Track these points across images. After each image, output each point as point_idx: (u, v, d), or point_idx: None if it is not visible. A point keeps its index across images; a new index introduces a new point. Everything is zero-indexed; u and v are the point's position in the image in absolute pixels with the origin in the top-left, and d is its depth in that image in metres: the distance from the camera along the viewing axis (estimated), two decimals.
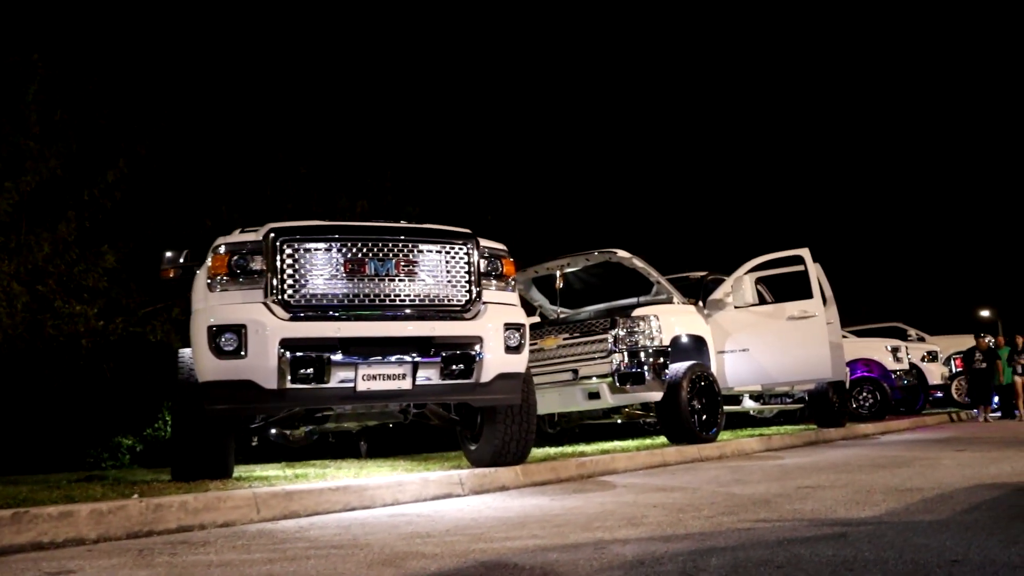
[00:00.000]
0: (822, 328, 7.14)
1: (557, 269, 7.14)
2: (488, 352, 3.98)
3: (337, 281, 3.88)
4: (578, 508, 3.60)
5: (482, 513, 3.54)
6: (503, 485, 4.46)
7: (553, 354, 6.81)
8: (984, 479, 4.12)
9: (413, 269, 3.98)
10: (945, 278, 34.18)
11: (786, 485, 4.21)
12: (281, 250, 3.86)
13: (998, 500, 3.32)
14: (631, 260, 6.79)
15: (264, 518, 3.43)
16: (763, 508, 3.37)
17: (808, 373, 7.14)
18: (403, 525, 3.25)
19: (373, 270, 3.92)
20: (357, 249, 3.93)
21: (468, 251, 4.14)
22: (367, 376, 3.78)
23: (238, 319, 3.72)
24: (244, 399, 3.72)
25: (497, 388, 4.04)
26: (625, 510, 3.48)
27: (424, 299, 3.99)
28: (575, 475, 4.95)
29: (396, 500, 3.93)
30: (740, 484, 4.36)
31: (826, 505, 3.39)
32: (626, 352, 6.37)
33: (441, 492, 4.14)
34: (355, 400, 3.83)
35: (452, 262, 4.10)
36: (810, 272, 7.38)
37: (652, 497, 3.92)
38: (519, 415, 4.41)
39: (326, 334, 3.73)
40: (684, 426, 6.44)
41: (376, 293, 3.91)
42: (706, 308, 7.38)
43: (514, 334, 4.13)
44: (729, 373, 7.20)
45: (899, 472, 4.67)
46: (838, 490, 3.90)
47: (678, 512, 3.34)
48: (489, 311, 4.10)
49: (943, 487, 3.85)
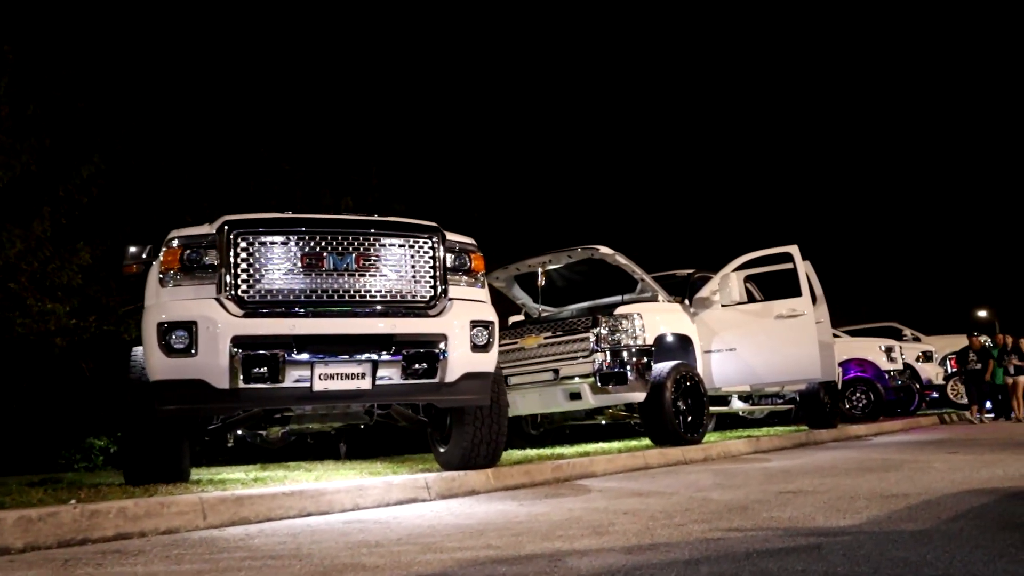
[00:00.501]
0: (811, 327, 6.96)
1: (539, 266, 6.95)
2: (453, 350, 3.80)
3: (294, 276, 3.70)
4: (545, 515, 3.41)
5: (443, 520, 3.36)
6: (473, 489, 4.27)
7: (534, 353, 6.62)
8: (974, 484, 3.94)
9: (374, 264, 3.80)
10: (942, 278, 34.04)
11: (767, 490, 4.03)
12: (235, 243, 3.67)
13: (986, 508, 3.14)
14: (614, 257, 6.60)
15: (211, 525, 3.25)
16: (738, 515, 3.19)
17: (797, 373, 6.96)
18: (355, 533, 3.07)
19: (332, 264, 3.73)
20: (315, 243, 3.74)
21: (433, 245, 3.95)
22: (324, 375, 3.59)
23: (189, 315, 3.54)
24: (195, 399, 3.54)
25: (464, 388, 3.86)
26: (593, 517, 3.30)
27: (386, 295, 3.80)
28: (550, 479, 4.76)
29: (357, 505, 3.74)
30: (720, 489, 4.18)
31: (805, 512, 3.21)
32: (608, 351, 6.19)
33: (406, 497, 3.95)
34: (312, 401, 3.64)
35: (416, 256, 3.91)
36: (799, 270, 7.20)
37: (625, 503, 3.74)
38: (489, 416, 4.22)
39: (281, 331, 3.55)
40: (668, 428, 6.25)
41: (335, 289, 3.73)
42: (692, 306, 7.19)
43: (482, 332, 3.94)
44: (716, 373, 7.01)
45: (886, 476, 4.49)
46: (820, 496, 3.72)
47: (648, 520, 3.16)
48: (455, 308, 3.92)
49: (930, 493, 3.67)
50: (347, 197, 10.75)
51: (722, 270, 7.22)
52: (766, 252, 7.37)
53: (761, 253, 7.35)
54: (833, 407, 9.21)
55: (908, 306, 27.47)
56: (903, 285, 32.13)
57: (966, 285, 34.19)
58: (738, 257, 7.31)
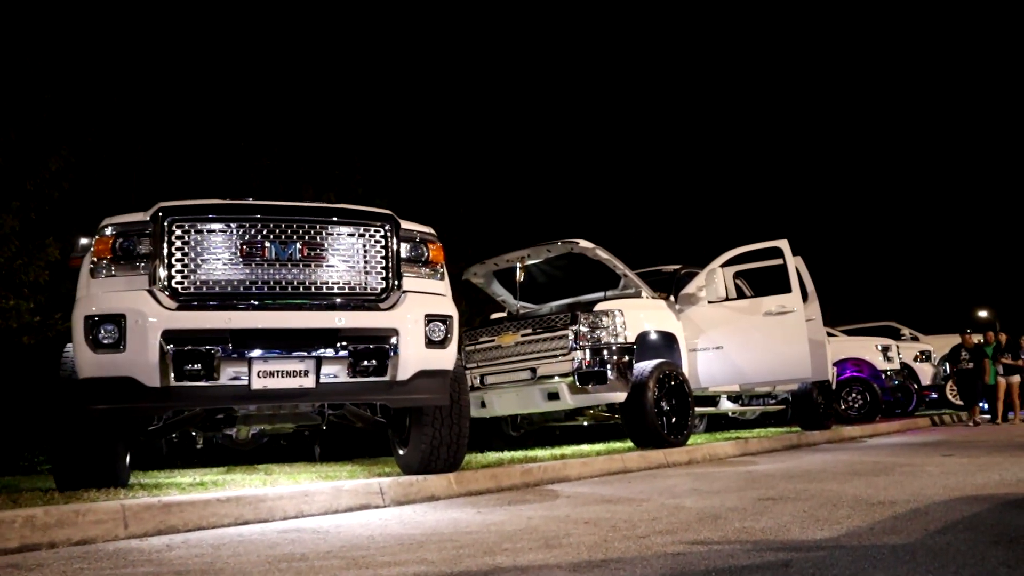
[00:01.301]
0: (801, 324, 6.67)
1: (517, 261, 6.68)
2: (406, 346, 3.53)
3: (233, 266, 3.43)
4: (499, 524, 3.15)
5: (387, 529, 3.09)
6: (432, 495, 4.00)
7: (511, 351, 6.35)
8: (967, 490, 3.67)
9: (320, 253, 3.53)
10: (942, 278, 33.71)
11: (746, 496, 3.76)
12: (170, 231, 3.41)
13: (979, 517, 2.87)
14: (594, 251, 6.32)
15: (132, 534, 2.98)
16: (708, 526, 2.92)
17: (787, 372, 6.67)
18: (285, 544, 2.80)
19: (274, 254, 3.47)
20: (256, 231, 3.48)
21: (386, 234, 3.69)
22: (263, 373, 3.33)
23: (117, 308, 3.27)
24: (124, 398, 3.27)
25: (418, 387, 3.59)
26: (551, 527, 3.03)
27: (332, 287, 3.54)
28: (519, 483, 4.49)
29: (301, 512, 3.48)
30: (695, 495, 3.91)
31: (781, 522, 2.93)
32: (588, 349, 5.91)
33: (357, 503, 3.69)
34: (251, 400, 3.38)
35: (367, 246, 3.65)
36: (788, 265, 6.92)
37: (590, 510, 3.47)
38: (449, 417, 3.95)
39: (215, 325, 3.28)
40: (650, 429, 5.97)
41: (277, 280, 3.46)
42: (678, 303, 6.91)
43: (438, 327, 3.68)
44: (702, 372, 6.73)
45: (875, 481, 4.21)
46: (801, 503, 3.45)
47: (608, 531, 2.89)
48: (409, 301, 3.65)
49: (919, 500, 3.40)
50: (330, 192, 10.50)
51: (709, 265, 6.94)
52: (755, 247, 7.09)
53: (749, 248, 7.07)
54: (827, 408, 8.93)
55: (908, 306, 27.15)
56: (902, 285, 31.81)
57: (966, 285, 33.85)
58: (725, 252, 7.03)
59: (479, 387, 6.50)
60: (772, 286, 7.17)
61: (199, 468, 6.95)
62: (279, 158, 10.70)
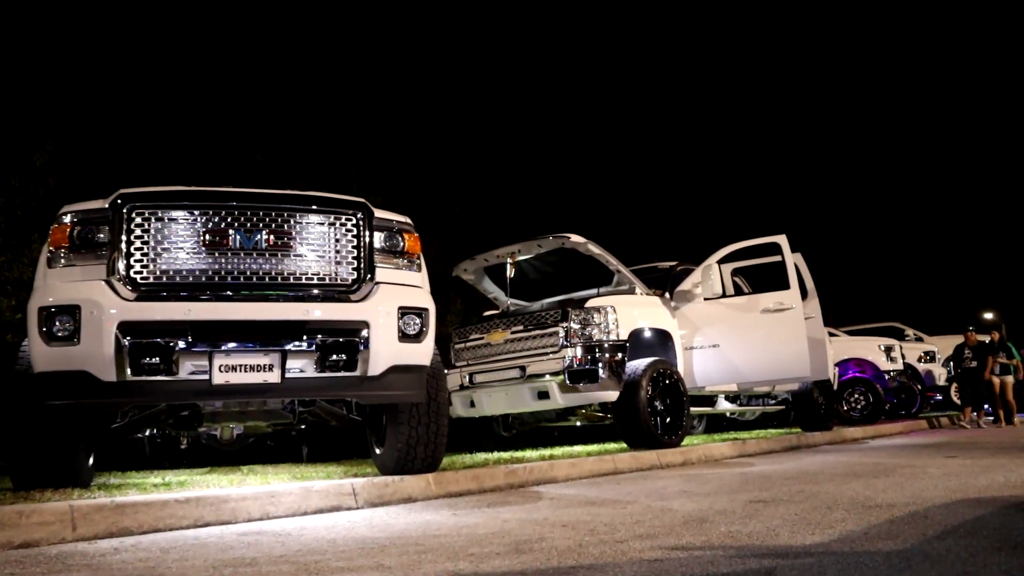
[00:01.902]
0: (799, 322, 6.47)
1: (507, 256, 6.50)
2: (377, 340, 3.36)
3: (195, 255, 3.27)
4: (472, 527, 2.97)
5: (353, 532, 2.92)
6: (409, 496, 3.83)
7: (500, 349, 6.17)
8: (970, 492, 3.48)
9: (288, 243, 3.37)
10: (948, 280, 33.36)
11: (737, 499, 3.58)
12: (130, 219, 3.25)
13: (981, 521, 2.68)
14: (586, 246, 6.14)
15: (81, 536, 2.82)
16: (692, 530, 2.74)
17: (785, 372, 6.47)
18: (240, 547, 2.63)
19: (239, 243, 3.31)
20: (220, 218, 3.32)
21: (358, 223, 3.52)
22: (225, 367, 3.16)
23: (72, 299, 3.12)
24: (80, 393, 3.11)
25: (391, 383, 3.42)
26: (526, 530, 2.85)
27: (300, 277, 3.37)
28: (503, 484, 4.31)
29: (267, 514, 3.31)
30: (684, 497, 3.72)
31: (770, 526, 2.75)
32: (579, 347, 5.73)
33: (327, 505, 3.52)
34: (212, 395, 3.21)
35: (338, 235, 3.48)
36: (787, 261, 6.72)
37: (571, 513, 3.29)
38: (426, 415, 3.78)
39: (174, 317, 3.12)
40: (643, 429, 5.78)
41: (242, 270, 3.30)
42: (673, 300, 6.72)
43: (413, 320, 3.50)
44: (698, 371, 6.54)
45: (874, 483, 4.02)
46: (794, 506, 3.27)
47: (586, 534, 2.72)
48: (381, 292, 3.48)
49: (919, 502, 3.21)
50: (323, 190, 10.33)
51: (705, 261, 6.75)
52: (752, 243, 6.90)
53: (746, 243, 6.88)
54: (828, 409, 8.73)
55: (913, 307, 26.83)
56: (907, 286, 31.47)
57: (972, 286, 33.48)
58: (722, 248, 6.83)
59: (468, 386, 6.32)
60: (771, 283, 6.98)
61: (183, 468, 6.79)
62: (272, 154, 10.57)
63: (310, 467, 6.23)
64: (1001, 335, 11.46)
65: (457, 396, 6.44)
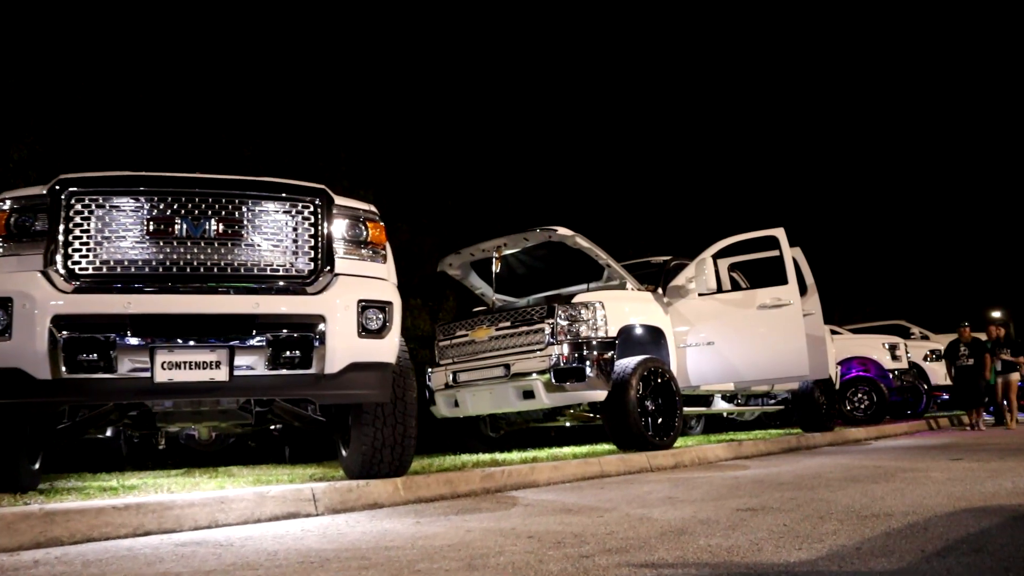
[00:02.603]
0: (797, 318, 6.21)
1: (493, 250, 6.26)
2: (334, 336, 3.13)
3: (139, 245, 3.05)
4: (430, 537, 2.74)
5: (301, 543, 2.70)
6: (375, 502, 3.60)
7: (485, 347, 5.93)
8: (975, 500, 3.22)
9: (239, 231, 3.14)
10: (956, 277, 32.88)
11: (724, 507, 3.33)
12: (68, 206, 3.04)
13: (987, 534, 2.43)
14: (574, 239, 5.90)
15: (4, 547, 2.60)
16: (668, 543, 2.50)
17: (782, 370, 6.21)
18: (170, 560, 2.41)
19: (186, 231, 3.08)
20: (166, 206, 3.09)
21: (316, 210, 3.30)
22: (168, 364, 2.94)
23: (4, 291, 2.91)
24: (12, 392, 2.90)
25: (351, 381, 3.19)
26: (487, 542, 2.62)
27: (252, 268, 3.15)
28: (478, 489, 4.08)
29: (215, 522, 3.09)
30: (668, 505, 3.48)
31: (755, 538, 2.51)
32: (565, 344, 5.49)
33: (283, 511, 3.29)
34: (154, 395, 2.99)
35: (293, 224, 3.26)
36: (784, 255, 6.46)
37: (541, 522, 3.06)
38: (392, 415, 3.55)
39: (112, 310, 2.90)
40: (632, 430, 5.54)
41: (188, 260, 3.07)
42: (666, 296, 6.46)
43: (375, 314, 3.27)
44: (692, 370, 6.29)
45: (873, 489, 3.77)
46: (784, 515, 3.02)
47: (551, 547, 2.48)
48: (340, 284, 3.25)
49: (920, 511, 2.96)
50: (314, 182, 10.12)
51: (700, 255, 6.49)
52: (748, 236, 6.63)
53: (743, 237, 6.62)
54: (830, 408, 8.46)
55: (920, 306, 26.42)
56: (914, 283, 31.02)
57: (980, 284, 33.00)
58: (717, 242, 6.57)
59: (453, 385, 6.09)
60: (770, 279, 6.71)
61: (159, 470, 6.59)
62: (261, 148, 10.35)
63: (289, 468, 6.02)
64: (1007, 332, 10.91)
65: (441, 395, 6.21)
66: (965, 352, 10.41)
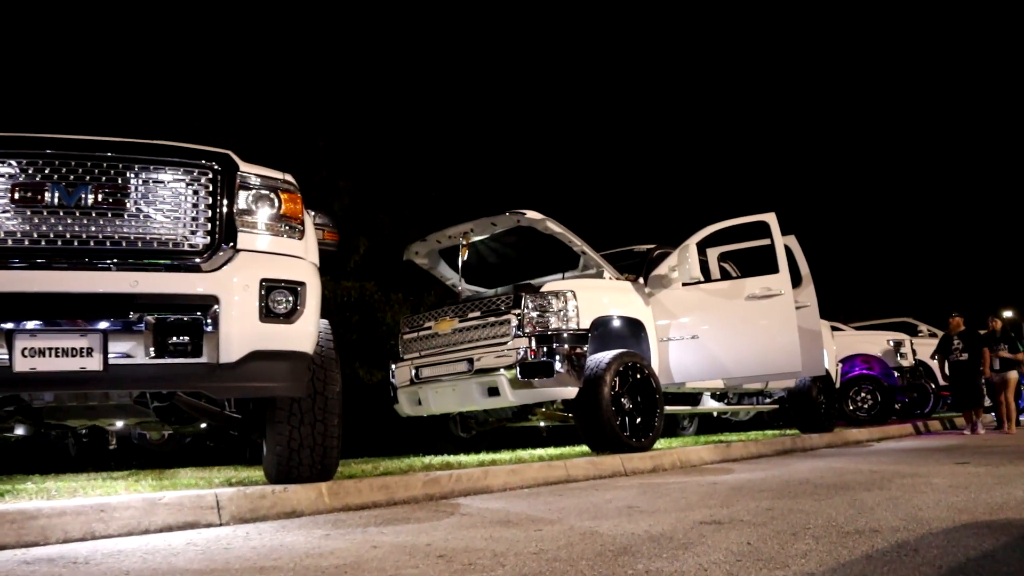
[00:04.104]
0: (789, 310, 5.73)
1: (460, 236, 5.83)
2: (231, 319, 2.71)
3: (2, 214, 2.64)
4: (324, 556, 2.32)
5: (169, 561, 2.28)
6: (293, 510, 3.18)
7: (449, 340, 5.50)
8: (980, 512, 2.76)
9: (121, 200, 2.73)
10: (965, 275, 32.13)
11: (686, 519, 2.89)
12: None
13: (991, 558, 1.98)
14: (544, 223, 5.45)
15: None
16: (602, 567, 2.06)
17: (773, 366, 5.74)
18: None
19: (58, 200, 2.67)
20: (36, 170, 2.68)
21: (215, 178, 2.88)
22: (30, 351, 2.53)
23: None
24: None
25: (252, 372, 2.77)
26: (388, 561, 2.20)
27: (136, 242, 2.73)
28: (420, 495, 3.65)
29: (92, 533, 2.67)
30: (624, 516, 3.04)
31: (707, 561, 2.07)
32: (533, 337, 5.04)
33: (178, 521, 2.88)
34: (14, 386, 2.59)
35: (187, 192, 2.84)
36: (776, 242, 5.98)
37: (468, 536, 2.62)
38: (310, 412, 3.13)
39: None
40: (605, 431, 5.08)
41: (60, 233, 2.66)
42: (648, 286, 6.00)
43: (283, 295, 2.85)
44: (675, 365, 5.82)
45: (864, 498, 3.31)
46: (752, 530, 2.58)
47: (460, 570, 2.05)
48: (240, 262, 2.83)
49: (912, 527, 2.51)
50: (288, 173, 9.74)
51: (685, 242, 6.01)
52: (737, 221, 6.15)
53: (731, 223, 6.14)
54: (829, 408, 7.97)
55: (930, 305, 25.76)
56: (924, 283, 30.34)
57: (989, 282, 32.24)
58: (703, 228, 6.09)
59: (416, 381, 5.66)
60: (764, 270, 6.22)
61: (104, 472, 6.19)
62: (235, 135, 9.96)
63: (246, 470, 5.61)
64: (1004, 325, 9.67)
65: (404, 392, 5.79)
66: (959, 345, 9.21)
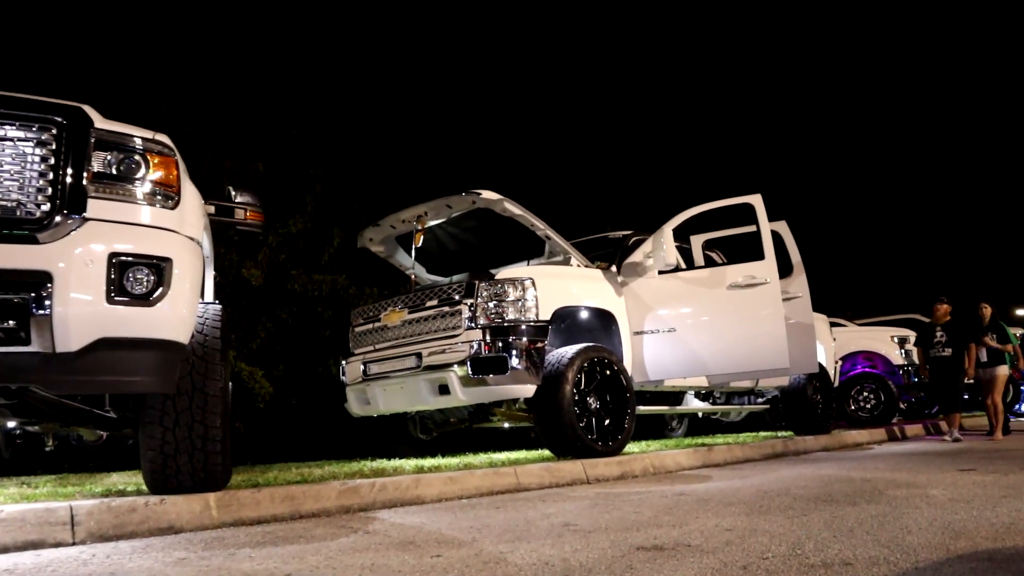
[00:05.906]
0: (775, 301, 5.21)
1: (414, 220, 5.34)
2: (69, 300, 2.25)
3: None
4: None
5: None
6: (171, 526, 2.71)
7: (398, 333, 5.02)
8: (981, 537, 2.26)
9: None
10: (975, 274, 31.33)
11: (624, 543, 2.40)
12: None
13: None
14: (502, 204, 4.95)
15: None
16: None
17: (758, 362, 5.22)
18: None
19: None
20: None
21: (62, 135, 2.42)
22: None
23: None
24: None
25: (101, 364, 2.31)
26: None
27: None
28: (333, 507, 3.17)
29: None
30: (553, 537, 2.55)
31: None
32: (486, 329, 4.56)
33: (19, 540, 2.43)
34: None
35: (23, 151, 2.38)
36: (762, 226, 5.46)
37: (351, 562, 2.15)
38: (187, 412, 2.66)
39: None
40: (567, 433, 4.59)
41: None
42: (621, 274, 5.49)
43: (142, 273, 2.39)
44: (650, 361, 5.31)
45: (846, 515, 2.81)
46: (698, 559, 2.09)
47: None
48: (87, 232, 2.36)
49: (896, 557, 2.02)
50: (258, 162, 9.33)
51: (662, 227, 5.50)
52: (719, 204, 5.62)
53: (713, 205, 5.61)
54: (827, 408, 7.44)
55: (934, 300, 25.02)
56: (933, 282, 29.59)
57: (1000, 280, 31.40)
58: (681, 212, 5.57)
59: (364, 378, 5.19)
60: (750, 257, 5.69)
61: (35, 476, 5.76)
62: (204, 123, 9.54)
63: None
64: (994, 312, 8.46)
65: (352, 390, 5.32)
66: (941, 338, 7.91)
